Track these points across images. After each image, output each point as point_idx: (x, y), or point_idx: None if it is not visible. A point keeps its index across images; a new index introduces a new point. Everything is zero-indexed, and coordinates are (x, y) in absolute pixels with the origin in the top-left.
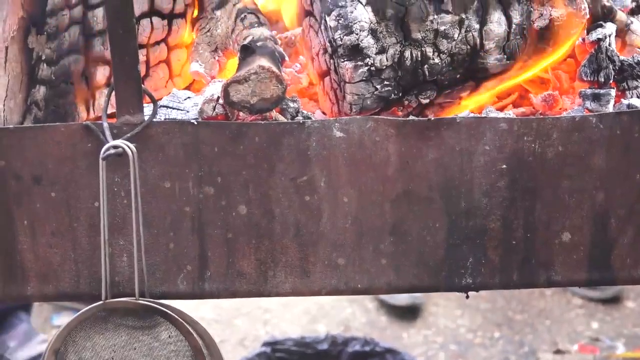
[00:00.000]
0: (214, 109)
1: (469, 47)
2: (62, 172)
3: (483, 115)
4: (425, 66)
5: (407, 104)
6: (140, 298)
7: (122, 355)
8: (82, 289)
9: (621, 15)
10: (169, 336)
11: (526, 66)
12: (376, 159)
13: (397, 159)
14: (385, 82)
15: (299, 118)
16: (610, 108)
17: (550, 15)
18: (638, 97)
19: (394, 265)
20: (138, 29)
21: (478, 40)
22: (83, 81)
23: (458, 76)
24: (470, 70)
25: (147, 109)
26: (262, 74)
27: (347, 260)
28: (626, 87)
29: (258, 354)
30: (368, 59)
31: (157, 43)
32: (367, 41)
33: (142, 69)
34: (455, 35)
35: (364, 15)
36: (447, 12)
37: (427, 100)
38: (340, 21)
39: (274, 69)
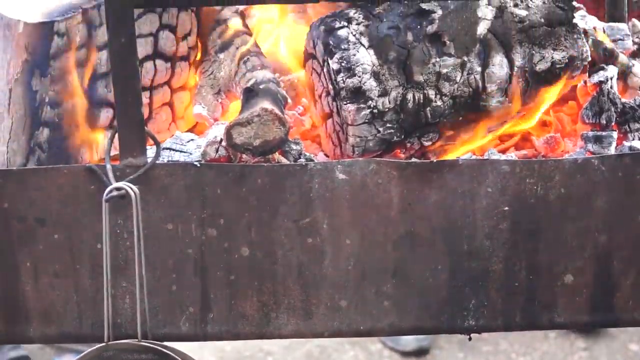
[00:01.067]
0: (217, 151)
1: (471, 89)
2: (65, 213)
3: (485, 158)
4: (428, 108)
5: (409, 146)
6: (142, 340)
7: None
8: (84, 330)
9: (623, 58)
10: None
11: (528, 108)
12: (378, 201)
13: (399, 201)
14: (388, 125)
15: (302, 160)
16: (612, 150)
17: (552, 58)
18: None
19: (396, 307)
20: (141, 72)
21: (480, 83)
22: (86, 123)
23: (460, 118)
24: (472, 112)
25: (150, 151)
26: (265, 117)
27: (349, 302)
28: (628, 129)
29: None
30: (370, 102)
31: (161, 85)
32: (370, 84)
33: (145, 111)
34: (457, 78)
35: (366, 58)
36: (450, 55)
37: (429, 143)
38: (343, 64)
39: (277, 111)
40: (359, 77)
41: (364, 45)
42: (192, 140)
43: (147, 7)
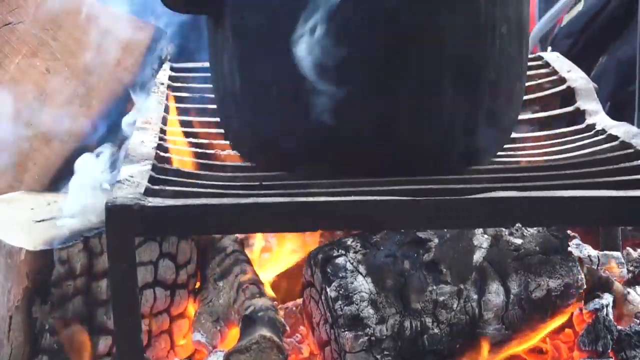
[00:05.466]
0: None
1: (467, 317)
2: None
3: None
4: (425, 336)
5: None
6: None
7: None
8: None
9: (618, 286)
10: None
11: (525, 336)
12: None
13: None
14: (385, 352)
15: None
16: None
17: (548, 285)
18: None
19: None
20: (141, 300)
21: (477, 310)
22: (85, 351)
23: (457, 346)
24: (469, 339)
25: None
26: (264, 344)
27: None
28: (624, 356)
29: None
30: (368, 329)
31: (160, 313)
32: (367, 311)
33: (144, 339)
34: (454, 306)
35: (364, 286)
36: (446, 283)
37: None
38: (340, 291)
39: (275, 338)
40: (357, 304)
41: (361, 274)
42: None
43: (147, 235)
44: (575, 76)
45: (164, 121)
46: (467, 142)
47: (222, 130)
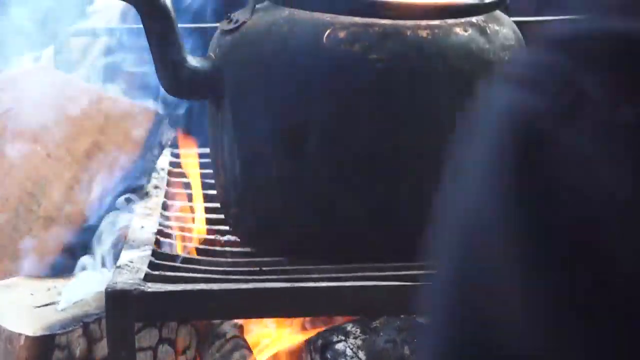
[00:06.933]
0: None
1: None
2: None
3: None
4: None
5: None
6: None
7: None
8: None
9: None
10: None
11: None
12: None
13: None
14: None
15: None
16: None
17: None
18: None
19: None
20: None
21: None
22: None
23: None
24: None
25: None
26: None
27: None
28: None
29: None
30: None
31: None
32: None
33: None
34: None
35: None
36: None
37: None
38: None
39: None
40: None
41: (360, 359)
42: None
43: (147, 321)
44: None
45: (164, 206)
46: None
47: (222, 216)
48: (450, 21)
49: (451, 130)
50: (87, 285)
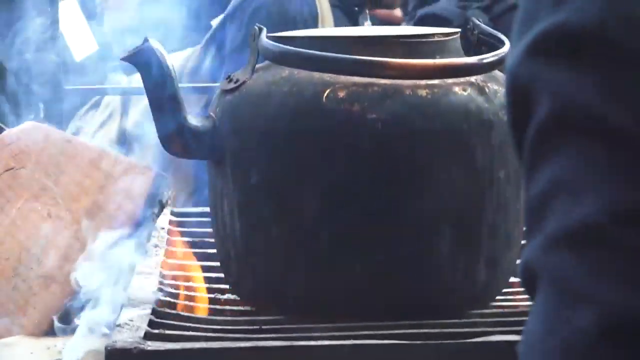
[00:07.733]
0: None
1: None
2: None
3: None
4: None
5: None
6: None
7: None
8: None
9: None
10: None
11: None
12: None
13: None
14: None
15: None
16: None
17: None
18: None
19: None
20: None
21: None
22: None
23: None
24: None
25: None
26: None
27: None
28: None
29: None
30: None
31: None
32: None
33: None
34: None
35: None
36: None
37: None
38: None
39: None
40: None
41: None
42: None
43: None
44: None
45: (164, 265)
46: (466, 289)
47: (221, 274)
48: (449, 81)
49: (449, 189)
50: (87, 343)
